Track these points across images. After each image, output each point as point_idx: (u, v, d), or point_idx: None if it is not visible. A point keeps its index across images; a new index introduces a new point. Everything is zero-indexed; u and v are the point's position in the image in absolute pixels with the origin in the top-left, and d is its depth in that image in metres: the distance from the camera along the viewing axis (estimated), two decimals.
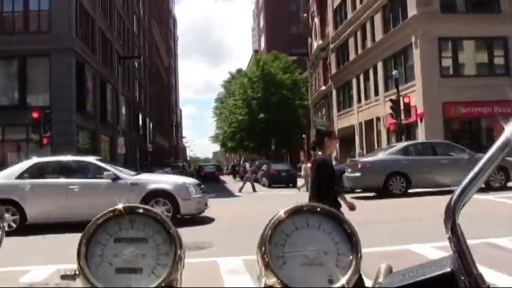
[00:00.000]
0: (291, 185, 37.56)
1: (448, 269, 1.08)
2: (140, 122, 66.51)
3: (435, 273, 1.09)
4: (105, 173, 14.98)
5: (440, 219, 1.09)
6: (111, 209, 1.33)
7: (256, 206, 20.15)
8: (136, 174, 16.48)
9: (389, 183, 21.08)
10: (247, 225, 13.47)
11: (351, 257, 1.29)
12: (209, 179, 50.31)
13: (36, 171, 15.62)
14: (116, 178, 14.98)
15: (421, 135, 32.24)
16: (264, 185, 40.31)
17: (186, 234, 10.31)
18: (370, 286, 1.22)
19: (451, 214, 1.06)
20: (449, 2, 34.00)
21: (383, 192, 21.12)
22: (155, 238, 1.32)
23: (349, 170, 22.35)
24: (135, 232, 1.33)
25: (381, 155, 22.30)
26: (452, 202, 1.07)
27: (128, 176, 15.59)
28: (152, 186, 15.12)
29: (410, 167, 21.12)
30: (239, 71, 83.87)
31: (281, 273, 1.24)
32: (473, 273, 1.04)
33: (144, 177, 16.45)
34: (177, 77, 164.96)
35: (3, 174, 15.49)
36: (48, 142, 28.47)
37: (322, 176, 6.25)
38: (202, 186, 16.17)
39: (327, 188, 6.21)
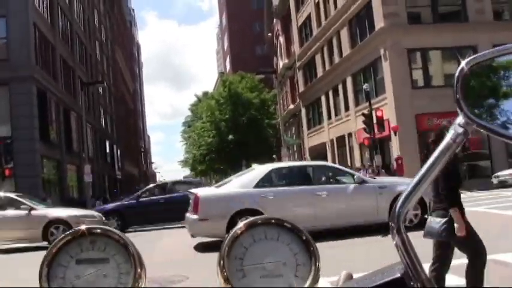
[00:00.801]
0: None
1: (398, 275, 1.10)
2: (107, 150, 65.40)
3: (385, 280, 1.11)
4: (355, 176, 14.31)
5: None
6: (72, 230, 1.32)
7: None
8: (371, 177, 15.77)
9: None
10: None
11: (310, 267, 1.30)
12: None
13: (273, 179, 14.82)
14: (363, 182, 14.09)
15: (395, 149, 31.68)
16: None
17: (159, 267, 9.21)
18: None
19: (396, 220, 1.08)
20: (416, 13, 33.78)
21: None
22: (116, 258, 1.30)
23: None
24: (96, 253, 1.31)
25: None
26: (397, 208, 1.09)
27: (369, 179, 15.08)
28: (401, 187, 13.20)
29: None
30: (205, 93, 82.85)
31: (241, 286, 1.23)
32: (422, 278, 1.06)
33: (387, 180, 15.89)
34: (143, 103, 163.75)
35: (240, 183, 14.28)
36: (11, 173, 27.34)
37: (452, 177, 5.58)
38: None
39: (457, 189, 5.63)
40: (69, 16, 47.62)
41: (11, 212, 17.52)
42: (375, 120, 30.23)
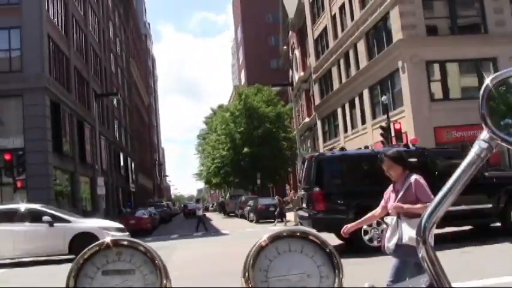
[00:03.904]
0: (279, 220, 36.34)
1: (423, 286, 1.11)
2: (122, 162, 65.14)
3: None
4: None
5: None
6: (98, 242, 1.32)
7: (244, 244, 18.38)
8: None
9: None
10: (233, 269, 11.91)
11: (334, 279, 1.31)
12: (194, 216, 49.21)
13: None
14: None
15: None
16: (251, 221, 38.87)
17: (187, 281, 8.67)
18: None
19: (421, 234, 1.09)
20: (435, 25, 33.22)
21: None
22: (141, 269, 1.31)
23: None
24: (122, 264, 1.32)
25: None
26: (423, 222, 1.10)
27: None
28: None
29: None
30: (220, 106, 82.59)
31: None
32: None
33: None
34: (158, 116, 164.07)
35: None
36: (22, 185, 27.03)
37: None
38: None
39: None
40: (84, 28, 47.54)
41: None
42: (392, 133, 29.64)
